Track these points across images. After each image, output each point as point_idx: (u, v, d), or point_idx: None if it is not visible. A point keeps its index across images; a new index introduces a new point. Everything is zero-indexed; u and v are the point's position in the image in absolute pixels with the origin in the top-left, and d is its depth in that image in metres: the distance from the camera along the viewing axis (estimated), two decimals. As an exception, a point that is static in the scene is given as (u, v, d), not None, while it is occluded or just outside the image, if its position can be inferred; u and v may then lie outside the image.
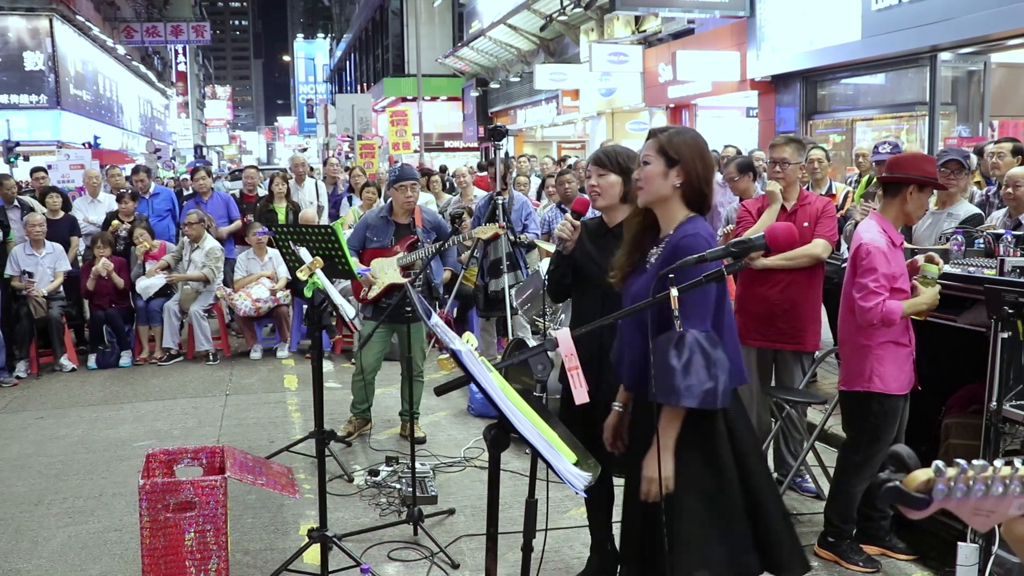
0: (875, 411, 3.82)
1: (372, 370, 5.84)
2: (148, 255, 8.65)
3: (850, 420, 3.98)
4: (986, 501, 1.19)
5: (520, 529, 2.15)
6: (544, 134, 27.06)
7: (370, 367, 5.82)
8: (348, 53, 54.87)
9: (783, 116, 14.11)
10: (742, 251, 2.46)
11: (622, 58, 17.69)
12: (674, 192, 2.67)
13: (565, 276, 3.62)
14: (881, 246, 3.66)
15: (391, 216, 5.72)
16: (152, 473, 3.93)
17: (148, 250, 8.64)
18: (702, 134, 2.81)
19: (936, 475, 1.19)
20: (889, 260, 3.66)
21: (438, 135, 33.39)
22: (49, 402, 7.19)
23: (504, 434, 1.99)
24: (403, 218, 5.71)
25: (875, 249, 3.64)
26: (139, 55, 43.79)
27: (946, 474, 1.19)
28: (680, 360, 2.43)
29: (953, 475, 1.18)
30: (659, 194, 2.68)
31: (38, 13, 28.03)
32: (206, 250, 8.70)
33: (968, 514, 1.22)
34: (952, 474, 1.18)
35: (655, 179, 2.66)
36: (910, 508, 1.22)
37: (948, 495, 1.18)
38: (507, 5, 22.61)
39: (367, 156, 18.99)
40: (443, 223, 5.97)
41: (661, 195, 2.68)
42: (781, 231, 2.50)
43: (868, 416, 3.84)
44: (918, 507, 1.21)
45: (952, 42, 10.51)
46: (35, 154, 21.83)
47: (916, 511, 1.22)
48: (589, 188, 3.51)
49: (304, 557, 4.01)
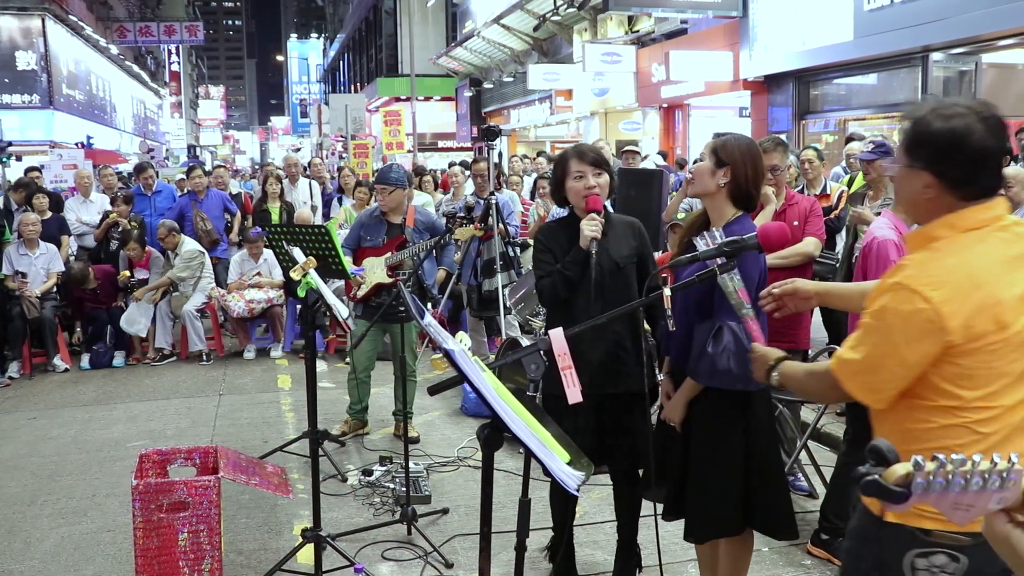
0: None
1: (364, 369, 5.85)
2: (136, 263, 8.58)
3: (854, 417, 4.00)
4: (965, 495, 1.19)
5: (514, 528, 2.15)
6: (537, 134, 27.07)
7: (362, 366, 5.83)
8: (342, 53, 54.82)
9: (776, 116, 14.14)
10: (735, 251, 2.48)
11: (615, 58, 17.71)
12: (719, 190, 2.97)
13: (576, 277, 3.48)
14: (892, 238, 3.68)
15: (384, 216, 5.73)
16: (145, 473, 3.93)
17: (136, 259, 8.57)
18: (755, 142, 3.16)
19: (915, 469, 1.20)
20: (900, 252, 3.68)
21: (431, 135, 33.40)
22: (42, 402, 7.17)
23: (497, 433, 2.00)
24: (395, 218, 5.72)
25: (887, 242, 3.66)
26: (132, 55, 43.67)
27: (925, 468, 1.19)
28: (714, 347, 2.86)
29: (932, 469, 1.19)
30: (706, 189, 3.00)
31: (30, 12, 27.92)
32: (182, 254, 8.59)
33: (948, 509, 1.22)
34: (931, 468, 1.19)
35: (704, 175, 2.98)
36: (889, 502, 1.23)
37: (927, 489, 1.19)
38: (500, 5, 22.62)
39: (361, 156, 18.98)
40: (438, 223, 5.96)
41: (708, 190, 3.00)
42: (773, 231, 2.52)
43: (862, 412, 3.84)
44: (897, 501, 1.22)
45: (944, 42, 10.55)
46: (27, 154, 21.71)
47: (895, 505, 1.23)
48: (588, 188, 3.47)
49: (298, 557, 4.01)
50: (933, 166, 1.94)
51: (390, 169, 5.84)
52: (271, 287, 8.47)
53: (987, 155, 1.92)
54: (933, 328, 1.86)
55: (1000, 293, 1.88)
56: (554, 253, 3.52)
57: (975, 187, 1.94)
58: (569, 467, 1.92)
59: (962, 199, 1.94)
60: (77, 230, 9.54)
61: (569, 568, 3.84)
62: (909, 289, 1.89)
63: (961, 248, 1.92)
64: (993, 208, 1.95)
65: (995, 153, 1.93)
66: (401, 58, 34.21)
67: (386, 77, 35.03)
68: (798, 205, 4.72)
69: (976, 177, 1.93)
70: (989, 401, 1.90)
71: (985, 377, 1.89)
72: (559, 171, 3.57)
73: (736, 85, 14.67)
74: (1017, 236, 1.95)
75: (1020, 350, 1.90)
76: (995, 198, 1.96)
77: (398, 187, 5.64)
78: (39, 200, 9.15)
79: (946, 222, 1.95)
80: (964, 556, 1.95)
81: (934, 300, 1.85)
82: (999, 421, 1.91)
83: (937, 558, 1.98)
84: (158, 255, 8.70)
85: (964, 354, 1.88)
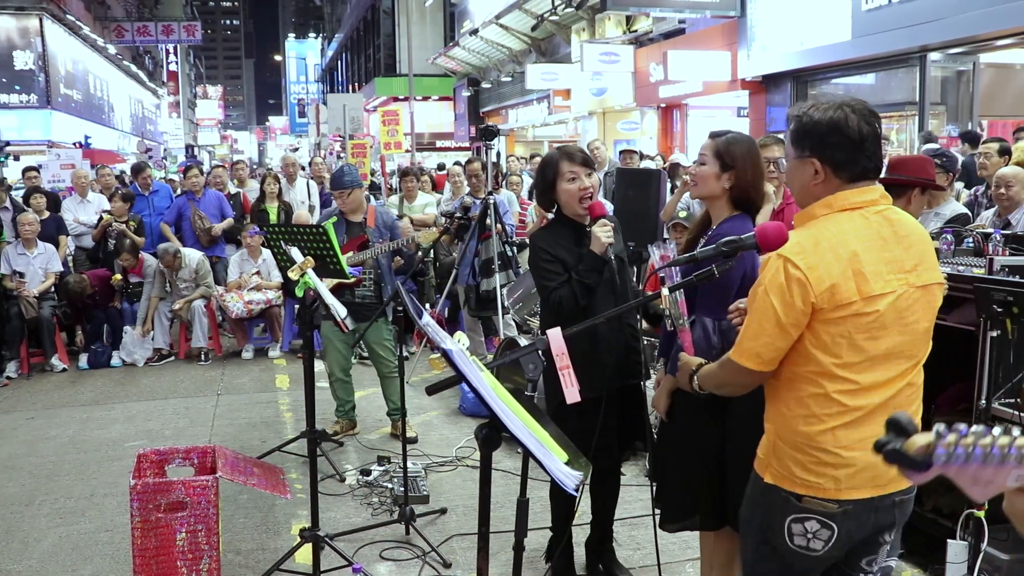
0: None
1: (342, 369, 5.91)
2: (130, 270, 8.54)
3: None
4: (985, 470, 1.19)
5: (512, 528, 2.15)
6: (535, 134, 27.07)
7: (340, 367, 5.90)
8: (339, 53, 54.77)
9: (774, 116, 14.14)
10: (733, 250, 2.48)
11: (613, 58, 17.71)
12: (724, 193, 2.99)
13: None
14: None
15: (344, 215, 5.77)
16: (143, 473, 3.93)
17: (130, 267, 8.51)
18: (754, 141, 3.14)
19: (936, 439, 1.20)
20: None
21: (430, 135, 33.37)
22: (40, 402, 7.16)
23: (495, 433, 1.99)
24: (356, 217, 5.74)
25: None
26: (130, 54, 43.61)
27: (946, 438, 1.19)
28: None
29: (953, 440, 1.18)
30: (710, 192, 3.01)
31: (28, 12, 27.86)
32: (193, 268, 8.54)
33: (967, 483, 1.22)
34: (952, 439, 1.19)
35: (709, 179, 2.98)
36: (910, 471, 1.24)
37: (948, 460, 1.19)
38: (498, 5, 22.62)
39: (359, 156, 18.95)
40: (396, 225, 5.99)
41: (713, 193, 3.01)
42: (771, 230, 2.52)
43: None
44: (918, 470, 1.22)
45: (941, 42, 10.55)
46: (25, 154, 21.70)
47: (916, 474, 1.23)
48: (583, 190, 3.48)
49: (296, 557, 4.01)
50: (818, 152, 2.16)
51: (343, 172, 5.85)
52: (269, 288, 8.47)
53: (864, 137, 2.13)
54: (802, 291, 2.07)
55: (864, 267, 2.08)
56: (563, 261, 3.47)
57: (856, 168, 2.16)
58: (567, 467, 1.92)
59: (846, 181, 2.16)
60: (75, 230, 9.52)
61: (567, 568, 3.85)
62: (784, 258, 2.12)
63: (833, 224, 2.14)
64: (869, 192, 2.17)
65: (870, 137, 2.14)
66: (399, 58, 34.19)
67: (384, 77, 34.99)
68: (796, 204, 4.71)
69: (856, 158, 2.15)
70: (849, 373, 2.09)
71: (847, 349, 2.08)
72: (550, 173, 3.54)
73: (734, 85, 14.68)
74: (888, 221, 2.16)
75: (881, 331, 2.09)
76: (873, 184, 2.18)
77: (355, 187, 5.72)
78: (36, 200, 9.13)
79: (825, 202, 2.18)
80: (833, 523, 2.13)
81: (802, 266, 2.08)
82: (860, 397, 2.10)
83: (810, 524, 2.16)
84: (151, 263, 8.49)
85: (830, 322, 2.08)
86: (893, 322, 2.11)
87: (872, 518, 2.16)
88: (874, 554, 2.22)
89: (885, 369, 2.12)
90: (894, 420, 1.31)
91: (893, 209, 2.20)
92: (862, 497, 2.13)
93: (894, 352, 2.12)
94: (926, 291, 2.16)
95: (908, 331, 2.14)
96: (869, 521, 2.17)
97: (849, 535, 2.16)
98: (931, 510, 4.00)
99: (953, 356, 3.99)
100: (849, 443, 2.11)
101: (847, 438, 2.11)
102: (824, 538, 2.15)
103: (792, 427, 2.17)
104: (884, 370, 2.12)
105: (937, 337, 4.00)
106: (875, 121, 2.17)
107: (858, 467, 2.11)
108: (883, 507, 2.16)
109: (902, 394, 2.15)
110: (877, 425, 1.99)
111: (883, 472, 2.09)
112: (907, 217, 2.23)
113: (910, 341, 2.15)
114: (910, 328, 2.14)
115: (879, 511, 2.16)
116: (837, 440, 2.11)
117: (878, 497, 2.14)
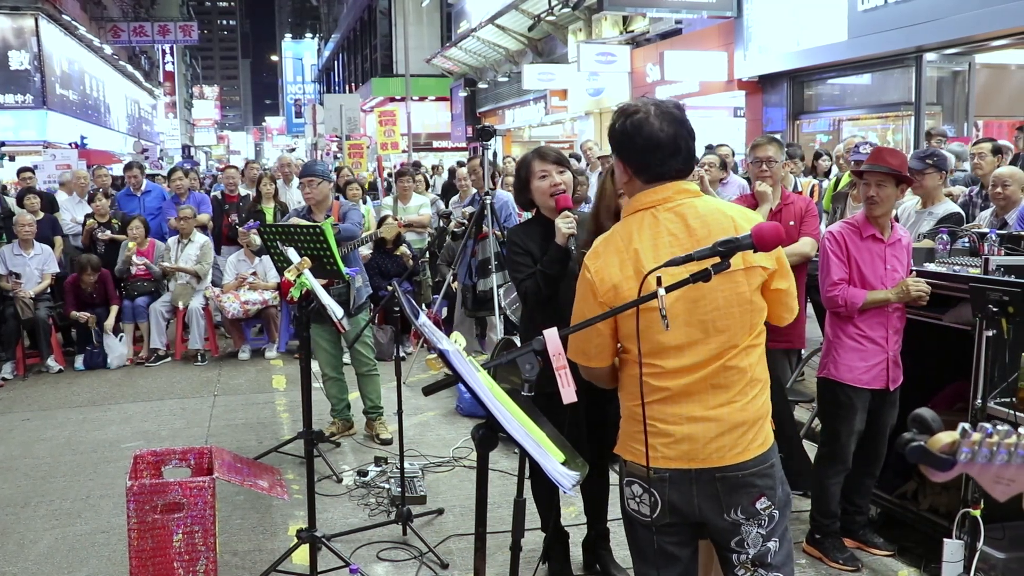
0: (827, 399, 3.96)
1: (333, 367, 5.89)
2: (138, 251, 8.58)
3: (823, 412, 4.13)
4: (1007, 469, 1.19)
5: (509, 528, 2.15)
6: (532, 134, 27.06)
7: (330, 365, 5.88)
8: (336, 53, 54.72)
9: (770, 116, 14.17)
10: (729, 251, 2.48)
11: (610, 58, 17.72)
12: None
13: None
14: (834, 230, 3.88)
15: (309, 213, 5.76)
16: (140, 474, 3.92)
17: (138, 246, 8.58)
18: None
19: (962, 437, 1.20)
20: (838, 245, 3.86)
21: (426, 135, 33.35)
22: (36, 403, 7.15)
23: (492, 434, 1.99)
24: (319, 213, 5.73)
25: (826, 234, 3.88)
26: (126, 55, 43.52)
27: (971, 437, 1.19)
28: None
29: (978, 439, 1.18)
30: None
31: (23, 12, 27.78)
32: (199, 244, 8.74)
33: (989, 482, 1.22)
34: (977, 438, 1.19)
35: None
36: (934, 469, 1.23)
37: (972, 459, 1.19)
38: (495, 5, 22.60)
39: (355, 156, 18.95)
40: (353, 220, 5.86)
41: None
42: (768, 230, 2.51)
43: (822, 404, 4.03)
44: (942, 468, 1.22)
45: (937, 43, 10.58)
46: (21, 154, 21.64)
47: (940, 472, 1.23)
48: (554, 186, 3.54)
49: (293, 558, 4.00)
50: (622, 156, 2.29)
51: (315, 162, 5.91)
52: (266, 289, 8.47)
53: (655, 145, 2.20)
54: (592, 292, 2.23)
55: (646, 266, 2.14)
56: (532, 254, 3.58)
57: (649, 172, 2.24)
58: (564, 467, 1.92)
59: (645, 183, 2.25)
60: (72, 230, 9.51)
61: (564, 568, 3.85)
62: (584, 263, 2.28)
63: (624, 226, 2.27)
64: (662, 191, 2.23)
65: (664, 143, 2.20)
66: (396, 58, 34.16)
67: (381, 77, 34.96)
68: (794, 205, 4.72)
69: (647, 164, 2.23)
70: (653, 359, 2.20)
71: (644, 341, 2.18)
72: (523, 173, 3.64)
73: (731, 85, 14.70)
74: (679, 216, 2.22)
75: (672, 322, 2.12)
76: (668, 182, 2.24)
77: (324, 179, 5.72)
78: (31, 201, 9.11)
79: (630, 204, 2.30)
80: (653, 489, 2.23)
81: (591, 269, 2.25)
82: (667, 379, 2.20)
83: (635, 488, 2.28)
84: (162, 246, 8.81)
85: (625, 317, 2.19)
86: (685, 312, 2.17)
87: (692, 490, 2.22)
88: (738, 535, 2.25)
89: (692, 354, 2.19)
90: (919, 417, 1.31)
91: (689, 203, 2.23)
92: (677, 468, 2.21)
93: (695, 340, 2.18)
94: (727, 278, 2.14)
95: (709, 318, 2.18)
96: (691, 492, 2.22)
97: (673, 505, 2.23)
98: (927, 509, 4.01)
99: (949, 356, 4.01)
100: (663, 416, 2.22)
101: (661, 412, 2.22)
102: (648, 503, 2.24)
103: (624, 403, 2.34)
104: (690, 355, 2.19)
105: (933, 337, 4.04)
106: (678, 124, 2.21)
107: (674, 438, 2.21)
108: (702, 480, 2.22)
109: (718, 376, 2.20)
110: (692, 402, 2.20)
111: (701, 447, 2.19)
112: (704, 209, 2.24)
113: (718, 327, 2.19)
114: (712, 316, 2.18)
115: (698, 483, 2.22)
116: (652, 413, 2.21)
117: (695, 470, 2.21)
